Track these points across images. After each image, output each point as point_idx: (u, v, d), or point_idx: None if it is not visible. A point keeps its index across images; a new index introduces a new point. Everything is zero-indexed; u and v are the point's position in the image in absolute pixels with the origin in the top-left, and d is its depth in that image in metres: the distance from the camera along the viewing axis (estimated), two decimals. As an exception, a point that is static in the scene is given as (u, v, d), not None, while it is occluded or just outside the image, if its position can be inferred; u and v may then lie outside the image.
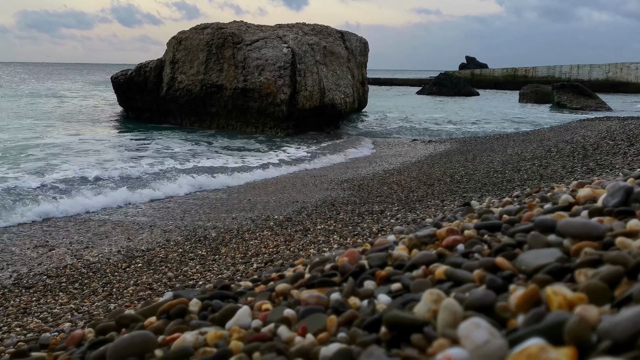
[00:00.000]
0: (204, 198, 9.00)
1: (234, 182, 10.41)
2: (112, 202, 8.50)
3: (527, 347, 0.71)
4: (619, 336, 0.73)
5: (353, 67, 23.10)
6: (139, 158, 13.56)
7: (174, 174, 11.07)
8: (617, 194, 1.50)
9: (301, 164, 12.91)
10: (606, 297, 0.91)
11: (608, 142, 10.49)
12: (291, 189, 9.56)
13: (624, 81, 50.44)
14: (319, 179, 10.43)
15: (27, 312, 4.41)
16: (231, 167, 12.53)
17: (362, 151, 15.10)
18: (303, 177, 10.84)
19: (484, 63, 71.48)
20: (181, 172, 11.38)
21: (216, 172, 11.22)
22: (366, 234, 5.92)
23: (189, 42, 20.08)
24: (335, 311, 1.23)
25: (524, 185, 7.55)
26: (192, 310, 1.45)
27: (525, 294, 0.95)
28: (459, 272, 1.24)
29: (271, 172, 11.67)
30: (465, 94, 44.94)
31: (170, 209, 8.19)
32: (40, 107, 28.08)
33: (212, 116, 19.57)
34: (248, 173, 11.44)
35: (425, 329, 0.97)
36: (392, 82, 67.01)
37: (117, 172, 11.16)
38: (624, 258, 1.03)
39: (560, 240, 1.30)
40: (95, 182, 10.37)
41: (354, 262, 1.54)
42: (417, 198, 7.80)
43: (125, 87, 21.85)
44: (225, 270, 5.11)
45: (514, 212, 1.81)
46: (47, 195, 8.94)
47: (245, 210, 7.82)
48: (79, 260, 5.77)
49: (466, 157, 12.03)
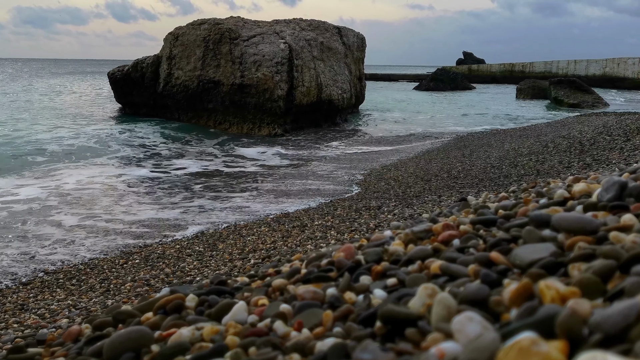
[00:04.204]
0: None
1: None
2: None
3: (518, 340, 0.72)
4: (610, 329, 0.74)
5: (350, 62, 23.05)
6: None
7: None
8: (612, 188, 1.51)
9: (298, 159, 12.90)
10: (599, 291, 0.92)
11: (605, 138, 10.50)
12: (288, 185, 9.56)
13: (621, 76, 50.46)
14: (316, 175, 10.43)
15: (24, 309, 4.41)
16: (224, 161, 12.53)
17: (359, 147, 15.10)
18: (300, 173, 10.84)
19: (481, 58, 71.43)
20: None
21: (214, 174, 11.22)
22: (363, 229, 5.93)
23: (186, 37, 20.00)
24: (331, 306, 1.23)
25: (521, 181, 7.57)
26: (189, 306, 1.46)
27: (518, 288, 0.96)
28: (454, 266, 1.25)
29: (269, 167, 11.67)
30: (462, 89, 44.99)
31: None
32: (36, 103, 27.96)
33: (209, 112, 19.52)
34: (247, 167, 11.43)
35: (420, 323, 0.98)
36: (390, 78, 66.91)
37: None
38: (617, 252, 1.04)
39: (554, 235, 1.31)
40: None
41: (350, 258, 1.55)
42: (414, 194, 7.82)
43: (122, 83, 21.77)
44: (223, 266, 5.12)
45: (509, 207, 1.81)
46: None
47: (242, 207, 7.82)
48: (76, 257, 5.77)
49: (463, 152, 12.04)
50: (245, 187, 9.50)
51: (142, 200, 8.57)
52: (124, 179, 10.45)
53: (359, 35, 24.61)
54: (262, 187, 9.47)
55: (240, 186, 9.63)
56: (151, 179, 10.53)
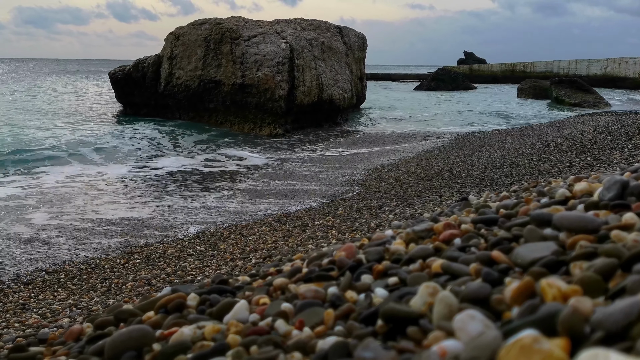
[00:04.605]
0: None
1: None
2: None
3: (520, 338, 0.72)
4: (612, 327, 0.74)
5: (351, 62, 23.05)
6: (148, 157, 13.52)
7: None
8: (613, 187, 1.51)
9: (299, 159, 12.91)
10: (600, 289, 0.92)
11: (606, 137, 10.50)
12: (290, 184, 9.56)
13: (622, 76, 50.40)
14: (317, 174, 10.43)
15: (25, 308, 4.42)
16: (227, 162, 12.54)
17: (361, 147, 15.10)
18: (301, 173, 10.84)
19: (483, 58, 71.40)
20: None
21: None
22: (364, 229, 5.93)
23: (187, 37, 20.02)
24: (333, 305, 1.24)
25: (522, 180, 7.56)
26: (190, 305, 1.46)
27: (520, 287, 0.96)
28: (455, 265, 1.25)
29: (270, 167, 11.68)
30: (463, 89, 44.99)
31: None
32: (38, 102, 27.99)
33: (210, 112, 19.53)
34: (248, 167, 11.45)
35: (421, 321, 0.98)
36: (391, 78, 66.88)
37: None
38: (619, 251, 1.04)
39: (556, 234, 1.31)
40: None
41: (351, 257, 1.55)
42: (415, 193, 7.81)
43: (123, 82, 21.80)
44: (224, 266, 5.12)
45: (510, 207, 1.81)
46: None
47: (244, 206, 7.83)
48: (77, 257, 5.78)
49: (464, 152, 12.04)
50: (246, 187, 9.50)
51: (141, 199, 8.58)
52: (121, 178, 10.46)
53: (360, 35, 24.60)
54: (263, 186, 9.47)
55: (243, 185, 9.63)
56: (152, 177, 10.55)
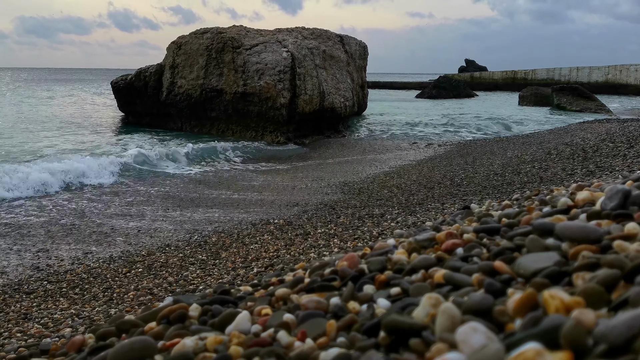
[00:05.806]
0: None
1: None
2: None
3: (523, 351, 0.71)
4: (615, 340, 0.73)
5: (352, 70, 23.13)
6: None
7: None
8: (615, 197, 1.50)
9: (300, 167, 12.92)
10: (603, 301, 0.92)
11: (608, 144, 10.49)
12: (291, 192, 9.57)
13: (624, 83, 50.47)
14: (319, 183, 10.43)
15: (27, 318, 4.41)
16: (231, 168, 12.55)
17: (362, 154, 15.11)
18: (303, 181, 10.85)
19: (484, 66, 71.59)
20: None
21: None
22: (367, 237, 5.92)
23: (189, 46, 20.12)
24: (335, 316, 1.23)
25: (524, 188, 7.55)
26: (192, 316, 1.45)
27: (522, 298, 0.95)
28: (457, 276, 1.25)
29: (272, 175, 11.69)
30: (464, 97, 45.09)
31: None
32: (41, 112, 28.09)
33: (212, 121, 19.59)
34: (249, 175, 11.45)
35: (424, 333, 0.98)
36: (392, 86, 67.03)
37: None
38: (621, 261, 1.04)
39: (558, 244, 1.30)
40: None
41: (353, 267, 1.55)
42: (417, 201, 7.81)
43: (125, 91, 21.89)
44: (226, 275, 5.12)
45: (513, 216, 1.81)
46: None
47: (246, 214, 7.83)
48: (79, 266, 5.78)
49: (466, 160, 12.04)
50: (247, 195, 9.51)
51: (141, 208, 8.58)
52: (121, 187, 10.47)
53: (361, 43, 24.71)
54: (265, 194, 9.48)
55: (241, 192, 9.64)
56: (153, 186, 10.56)
